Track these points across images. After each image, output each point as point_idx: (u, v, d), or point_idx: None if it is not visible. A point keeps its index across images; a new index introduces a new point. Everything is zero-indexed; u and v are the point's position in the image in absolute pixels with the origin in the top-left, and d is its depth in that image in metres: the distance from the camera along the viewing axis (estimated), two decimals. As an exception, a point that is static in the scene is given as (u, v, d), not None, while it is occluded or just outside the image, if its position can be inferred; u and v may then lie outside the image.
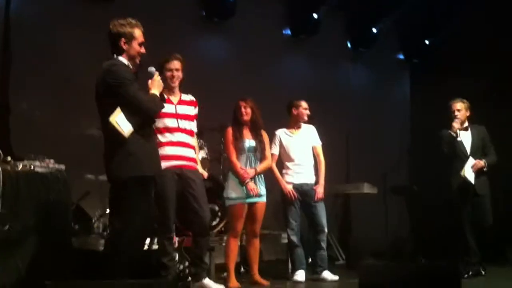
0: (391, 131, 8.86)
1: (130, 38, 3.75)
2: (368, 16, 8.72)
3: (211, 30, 7.63)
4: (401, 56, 9.50)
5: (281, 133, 5.80)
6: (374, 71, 9.07)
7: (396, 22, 8.87)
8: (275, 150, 5.75)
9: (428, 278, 3.25)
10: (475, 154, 5.83)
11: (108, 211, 5.39)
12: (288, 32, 8.36)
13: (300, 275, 5.55)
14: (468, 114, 5.92)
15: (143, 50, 3.82)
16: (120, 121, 3.59)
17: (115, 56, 3.77)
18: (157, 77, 3.95)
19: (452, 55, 8.23)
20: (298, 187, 5.67)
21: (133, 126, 3.65)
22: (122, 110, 3.62)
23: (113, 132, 3.59)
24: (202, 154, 5.94)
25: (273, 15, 8.13)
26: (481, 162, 5.80)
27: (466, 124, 5.91)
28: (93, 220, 5.38)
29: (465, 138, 5.88)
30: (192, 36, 7.25)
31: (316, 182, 5.72)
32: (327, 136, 5.95)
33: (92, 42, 6.07)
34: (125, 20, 3.77)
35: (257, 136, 5.27)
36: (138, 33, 3.77)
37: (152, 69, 3.97)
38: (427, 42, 9.16)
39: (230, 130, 5.25)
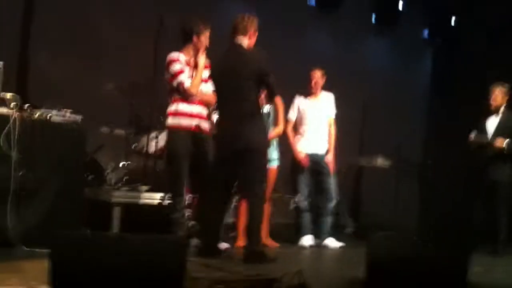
0: (409, 107, 8.77)
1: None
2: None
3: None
4: (426, 35, 9.37)
5: (299, 98, 5.80)
6: (397, 47, 8.95)
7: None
8: (292, 115, 5.76)
9: (436, 264, 3.10)
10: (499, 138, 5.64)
11: (123, 163, 5.45)
12: (313, 3, 8.29)
13: (306, 240, 5.62)
14: (505, 99, 5.75)
15: None
16: None
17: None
18: None
19: (476, 37, 8.07)
20: (309, 156, 5.68)
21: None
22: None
23: (259, 108, 4.44)
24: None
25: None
26: (501, 142, 5.61)
27: (501, 109, 5.75)
28: (106, 173, 5.43)
29: (492, 123, 5.76)
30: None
31: (327, 152, 5.73)
32: (343, 107, 5.93)
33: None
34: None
35: (272, 102, 5.27)
36: None
37: None
38: (452, 22, 9.05)
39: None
